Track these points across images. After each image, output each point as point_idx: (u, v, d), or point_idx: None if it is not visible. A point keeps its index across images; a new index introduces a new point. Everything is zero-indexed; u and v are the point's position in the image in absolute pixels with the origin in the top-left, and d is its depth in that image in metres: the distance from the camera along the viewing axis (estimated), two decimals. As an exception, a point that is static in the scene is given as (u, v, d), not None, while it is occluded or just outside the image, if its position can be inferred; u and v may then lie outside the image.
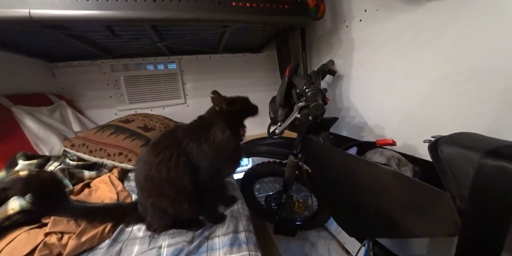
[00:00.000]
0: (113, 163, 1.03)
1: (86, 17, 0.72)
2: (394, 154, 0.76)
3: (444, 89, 0.75)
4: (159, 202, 0.65)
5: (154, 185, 0.65)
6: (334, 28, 1.26)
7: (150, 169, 0.64)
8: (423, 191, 0.53)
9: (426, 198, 0.53)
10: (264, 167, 1.33)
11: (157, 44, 1.25)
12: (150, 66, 1.69)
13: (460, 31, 0.68)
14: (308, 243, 1.48)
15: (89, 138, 1.08)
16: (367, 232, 0.83)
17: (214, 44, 1.51)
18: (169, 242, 0.64)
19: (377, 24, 0.98)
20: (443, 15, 0.72)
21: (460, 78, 0.70)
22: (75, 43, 1.14)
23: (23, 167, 0.82)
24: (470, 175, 0.39)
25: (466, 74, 0.68)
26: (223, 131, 0.68)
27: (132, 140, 1.08)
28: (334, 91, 1.34)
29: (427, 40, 0.78)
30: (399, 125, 0.95)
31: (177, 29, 1.15)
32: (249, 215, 0.79)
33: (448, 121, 0.75)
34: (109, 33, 1.07)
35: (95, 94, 1.63)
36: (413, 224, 0.57)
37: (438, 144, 0.47)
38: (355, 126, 1.20)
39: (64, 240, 0.59)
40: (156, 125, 1.23)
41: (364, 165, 0.71)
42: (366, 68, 1.10)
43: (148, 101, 1.72)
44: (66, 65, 1.54)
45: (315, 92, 0.74)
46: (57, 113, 1.32)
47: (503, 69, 0.60)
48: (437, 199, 0.50)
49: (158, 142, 0.71)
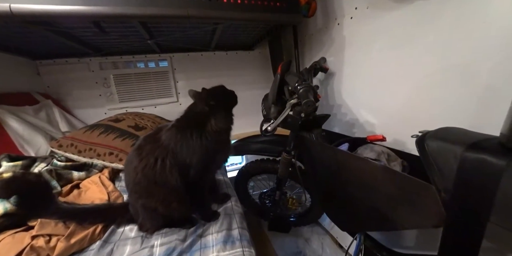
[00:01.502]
0: (104, 163, 1.01)
1: (71, 12, 0.70)
2: (384, 149, 0.78)
3: (430, 86, 0.77)
4: (149, 203, 0.65)
5: (143, 187, 0.65)
6: (325, 26, 1.27)
7: (137, 174, 0.65)
8: (411, 184, 0.55)
9: (413, 191, 0.54)
10: (257, 164, 1.34)
11: (147, 41, 1.22)
12: (141, 64, 1.66)
13: (444, 29, 0.70)
14: (302, 239, 1.50)
15: (78, 137, 1.05)
16: (358, 226, 0.85)
17: (205, 41, 1.50)
18: (161, 241, 0.64)
19: (367, 22, 1.00)
20: (429, 13, 0.74)
21: (445, 75, 0.72)
22: (60, 40, 1.10)
23: (7, 169, 0.79)
24: (453, 168, 0.41)
25: (450, 71, 0.70)
26: (217, 122, 0.68)
27: (122, 139, 1.05)
28: (326, 89, 1.35)
29: (414, 38, 0.80)
30: (389, 122, 0.97)
31: (168, 26, 1.13)
32: (242, 213, 0.80)
33: (434, 117, 0.77)
34: (96, 30, 1.04)
35: (83, 93, 1.58)
36: (402, 216, 0.59)
37: (425, 138, 0.48)
38: (347, 123, 1.22)
39: (52, 242, 0.57)
40: (147, 124, 1.21)
41: (355, 161, 0.72)
42: (356, 65, 1.11)
43: (139, 100, 1.68)
44: (51, 63, 1.48)
45: (307, 89, 0.75)
46: (43, 113, 1.28)
47: (483, 67, 0.62)
48: (424, 192, 0.51)
49: (142, 145, 0.70)
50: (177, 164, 0.65)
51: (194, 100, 0.74)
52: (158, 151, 0.65)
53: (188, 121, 0.70)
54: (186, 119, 0.71)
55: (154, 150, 0.66)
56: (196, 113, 0.70)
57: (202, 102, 0.69)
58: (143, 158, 0.65)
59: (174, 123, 0.72)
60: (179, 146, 0.66)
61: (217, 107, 0.69)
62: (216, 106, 0.69)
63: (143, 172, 0.64)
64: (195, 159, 0.66)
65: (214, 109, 0.69)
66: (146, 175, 0.64)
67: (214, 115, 0.68)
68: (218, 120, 0.68)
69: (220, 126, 0.69)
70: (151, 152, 0.66)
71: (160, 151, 0.65)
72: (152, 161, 0.64)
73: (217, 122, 0.68)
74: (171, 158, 0.64)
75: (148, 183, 0.64)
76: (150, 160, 0.64)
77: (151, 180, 0.64)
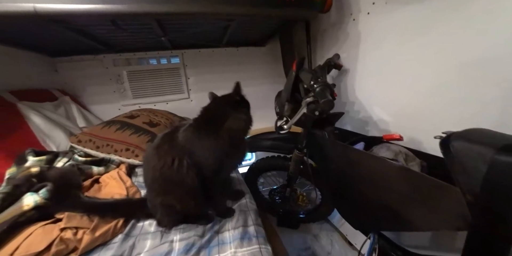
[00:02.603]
0: (120, 159, 1.04)
1: (91, 11, 0.71)
2: (401, 149, 0.76)
3: (450, 82, 0.74)
4: (167, 200, 0.67)
5: (161, 185, 0.66)
6: (340, 22, 1.24)
7: (155, 172, 0.66)
8: (432, 185, 0.54)
9: (434, 193, 0.53)
10: (268, 161, 1.34)
11: (161, 38, 1.23)
12: (153, 60, 1.67)
13: (467, 22, 0.67)
14: (311, 235, 1.52)
15: (96, 133, 1.08)
16: (372, 225, 0.85)
17: (217, 37, 1.49)
18: (180, 237, 0.66)
19: (385, 17, 0.96)
20: (452, 5, 0.70)
21: (468, 71, 0.69)
22: (77, 38, 1.13)
23: (33, 163, 0.83)
24: (481, 171, 0.40)
25: (474, 67, 0.67)
26: (238, 119, 0.69)
27: (138, 136, 1.08)
28: (339, 86, 1.33)
29: (435, 33, 0.77)
30: (405, 120, 0.94)
31: (181, 23, 1.13)
32: (257, 209, 0.81)
33: (454, 115, 0.75)
34: (111, 27, 1.05)
35: (98, 89, 1.62)
36: (421, 218, 0.59)
37: (450, 139, 0.47)
38: (360, 121, 1.20)
39: (79, 235, 0.60)
40: (161, 121, 1.23)
41: (370, 160, 0.72)
42: (371, 62, 1.08)
43: (151, 96, 1.71)
44: (68, 60, 1.52)
45: (324, 88, 0.74)
46: (61, 109, 1.32)
47: (510, 60, 0.59)
48: (446, 193, 0.50)
49: (159, 145, 0.70)
50: (194, 164, 0.66)
51: (212, 101, 0.74)
52: (175, 151, 0.66)
53: (206, 121, 0.70)
54: (204, 119, 0.72)
55: (171, 149, 0.67)
56: (215, 113, 0.70)
57: (237, 94, 0.70)
58: (161, 157, 0.66)
59: (192, 123, 0.72)
60: (196, 146, 0.66)
61: (239, 106, 0.70)
62: (239, 104, 0.69)
63: (161, 171, 0.65)
64: (211, 159, 0.67)
65: (236, 108, 0.69)
66: (163, 174, 0.65)
67: (235, 115, 0.68)
68: (238, 120, 0.69)
69: (240, 126, 0.69)
70: (169, 152, 0.66)
71: (177, 150, 0.66)
72: (169, 160, 0.64)
73: (238, 121, 0.68)
74: (188, 158, 0.65)
75: (165, 182, 0.66)
76: (167, 159, 0.65)
77: (169, 179, 0.65)
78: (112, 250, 0.61)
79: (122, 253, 0.60)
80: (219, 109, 0.71)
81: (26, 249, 0.55)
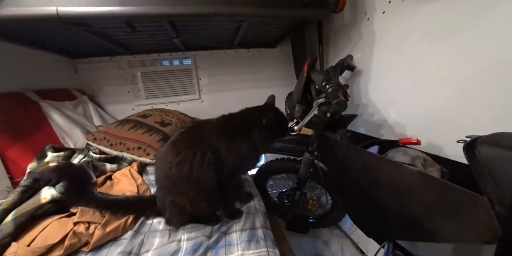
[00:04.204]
0: (133, 157, 1.06)
1: (109, 13, 0.73)
2: (419, 154, 0.72)
3: (474, 85, 0.70)
4: (177, 200, 0.66)
5: (174, 183, 0.65)
6: (353, 21, 1.21)
7: (171, 168, 0.65)
8: (455, 193, 0.50)
9: (458, 202, 0.50)
10: (277, 163, 1.32)
11: (173, 39, 1.26)
12: (166, 62, 1.72)
13: (498, 19, 0.62)
14: (321, 241, 1.47)
15: (110, 132, 1.12)
16: (386, 234, 0.80)
17: (229, 39, 1.50)
18: (188, 236, 0.66)
19: (402, 16, 0.92)
20: (478, 3, 0.66)
21: (492, 73, 0.64)
22: (96, 40, 1.18)
23: (51, 159, 0.87)
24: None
25: (500, 68, 0.63)
26: (265, 137, 0.72)
27: (150, 135, 1.10)
28: (351, 87, 1.29)
29: (458, 32, 0.72)
30: (422, 123, 0.90)
31: (194, 24, 1.15)
32: (265, 212, 0.80)
33: (477, 119, 0.70)
34: (128, 29, 1.09)
35: (113, 90, 1.68)
36: (441, 228, 0.55)
37: (476, 144, 0.44)
38: (374, 123, 1.16)
39: (91, 229, 0.62)
40: (172, 121, 1.25)
41: (386, 164, 0.68)
42: (387, 62, 1.04)
43: (163, 96, 1.75)
44: (87, 61, 1.59)
45: (336, 88, 0.72)
46: (80, 108, 1.38)
47: None
48: (472, 203, 0.46)
49: (179, 140, 0.71)
50: (215, 161, 0.65)
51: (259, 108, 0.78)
52: (198, 145, 0.65)
53: (240, 122, 0.72)
54: (237, 119, 0.73)
55: (193, 144, 0.66)
56: (252, 119, 0.72)
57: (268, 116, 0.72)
58: (180, 152, 0.65)
59: (220, 119, 0.73)
60: (220, 143, 0.66)
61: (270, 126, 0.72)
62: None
63: (178, 167, 0.63)
64: (233, 159, 0.67)
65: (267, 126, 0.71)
66: (180, 170, 0.63)
67: (262, 130, 0.70)
68: (260, 138, 0.71)
69: (258, 144, 0.71)
70: (190, 146, 0.65)
71: (201, 145, 0.65)
72: (191, 154, 0.63)
73: (260, 138, 0.71)
74: (211, 153, 0.65)
75: (180, 179, 0.64)
76: (189, 153, 0.64)
77: (184, 176, 0.63)
78: (122, 246, 0.62)
79: (131, 250, 0.61)
80: (246, 120, 0.73)
81: (42, 240, 0.57)
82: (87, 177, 0.80)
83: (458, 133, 0.75)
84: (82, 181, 0.74)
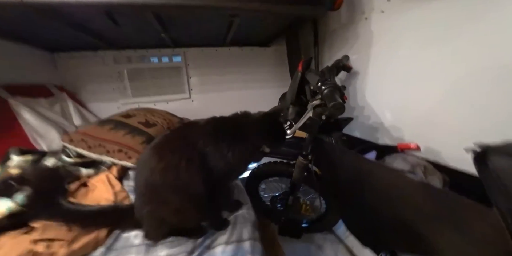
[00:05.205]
0: (113, 160, 0.98)
1: (81, 1, 0.65)
2: (419, 161, 0.68)
3: (476, 88, 0.67)
4: (158, 211, 0.59)
5: (155, 192, 0.59)
6: (350, 21, 1.17)
7: (152, 175, 0.58)
8: (461, 206, 0.46)
9: (464, 215, 0.45)
10: (270, 167, 1.27)
11: (160, 34, 1.18)
12: (154, 58, 1.63)
13: (494, 23, 0.59)
14: (314, 246, 1.43)
15: (88, 133, 1.02)
16: (383, 243, 0.76)
17: (221, 36, 1.43)
18: (167, 253, 0.59)
19: (400, 16, 0.89)
20: (478, 4, 0.63)
21: (495, 75, 0.61)
22: (75, 33, 1.08)
23: (17, 163, 0.78)
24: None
25: (503, 71, 0.59)
26: (257, 151, 0.66)
27: (132, 136, 1.02)
28: (348, 89, 1.25)
29: (460, 33, 0.69)
30: (420, 127, 0.86)
31: (181, 19, 1.07)
32: (255, 221, 0.74)
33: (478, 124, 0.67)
34: (110, 23, 1.00)
35: (97, 87, 1.58)
36: (444, 242, 0.50)
37: (487, 154, 0.39)
38: (370, 127, 1.12)
39: (54, 248, 0.54)
40: (158, 121, 1.17)
41: (385, 172, 0.64)
42: (384, 64, 1.01)
43: (151, 95, 1.66)
44: (68, 56, 1.48)
45: (332, 90, 0.67)
46: (57, 106, 1.28)
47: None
48: (480, 216, 0.42)
49: (163, 143, 0.64)
50: (203, 167, 0.59)
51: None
52: (185, 150, 0.59)
53: (232, 128, 0.65)
54: (229, 124, 0.67)
55: (179, 148, 0.60)
56: (246, 128, 0.65)
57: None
58: (164, 157, 0.58)
59: (210, 122, 0.67)
60: (208, 148, 0.60)
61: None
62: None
63: (162, 172, 0.57)
64: (220, 166, 0.61)
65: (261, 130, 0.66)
66: (164, 177, 0.57)
67: (255, 138, 0.65)
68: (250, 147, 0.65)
69: (247, 155, 0.66)
70: (175, 150, 0.59)
71: (187, 149, 0.59)
72: (177, 159, 0.57)
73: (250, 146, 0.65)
74: (199, 159, 0.58)
75: (162, 187, 0.58)
76: (174, 158, 0.57)
77: (168, 183, 0.57)
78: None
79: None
80: (239, 125, 0.67)
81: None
82: (58, 184, 0.71)
83: (458, 138, 0.72)
84: (51, 190, 0.65)
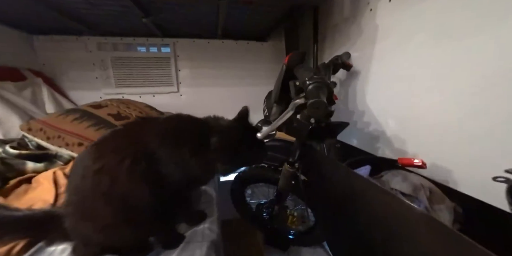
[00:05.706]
0: (71, 154, 0.86)
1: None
2: (424, 182, 0.54)
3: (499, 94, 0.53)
4: (81, 226, 0.47)
5: (83, 201, 0.47)
6: (354, 14, 1.04)
7: (84, 177, 0.47)
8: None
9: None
10: (256, 172, 1.14)
11: (142, 19, 1.06)
12: (142, 48, 1.52)
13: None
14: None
15: (48, 122, 0.91)
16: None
17: (212, 26, 1.31)
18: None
19: (410, 6, 0.76)
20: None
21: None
22: (51, 13, 0.97)
23: None
24: None
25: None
26: (227, 160, 0.55)
27: (97, 129, 0.90)
28: (346, 91, 1.12)
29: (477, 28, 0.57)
30: (428, 140, 0.73)
31: (164, 2, 0.95)
32: (216, 240, 0.60)
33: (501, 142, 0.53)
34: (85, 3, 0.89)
35: (79, 74, 1.47)
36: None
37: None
38: (369, 135, 0.98)
39: None
40: (132, 114, 1.05)
41: (380, 194, 0.50)
42: (390, 63, 0.88)
43: (137, 86, 1.55)
44: (48, 39, 1.38)
45: (318, 86, 0.54)
46: (27, 91, 1.17)
47: None
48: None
49: (107, 140, 0.52)
50: (152, 172, 0.48)
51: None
52: (130, 149, 0.48)
53: (197, 130, 0.54)
54: (195, 125, 0.56)
55: (123, 147, 0.48)
56: (216, 131, 0.53)
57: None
58: (101, 157, 0.47)
59: (172, 119, 0.56)
60: (163, 151, 0.49)
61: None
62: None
63: (95, 176, 0.46)
64: (178, 175, 0.50)
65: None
66: (97, 182, 0.45)
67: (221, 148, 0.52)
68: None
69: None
70: (117, 149, 0.48)
71: (133, 149, 0.48)
72: (116, 161, 0.46)
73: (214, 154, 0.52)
74: (146, 162, 0.47)
75: (93, 196, 0.46)
76: (113, 159, 0.46)
77: (101, 191, 0.45)
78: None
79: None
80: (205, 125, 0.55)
81: None
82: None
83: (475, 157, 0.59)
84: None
